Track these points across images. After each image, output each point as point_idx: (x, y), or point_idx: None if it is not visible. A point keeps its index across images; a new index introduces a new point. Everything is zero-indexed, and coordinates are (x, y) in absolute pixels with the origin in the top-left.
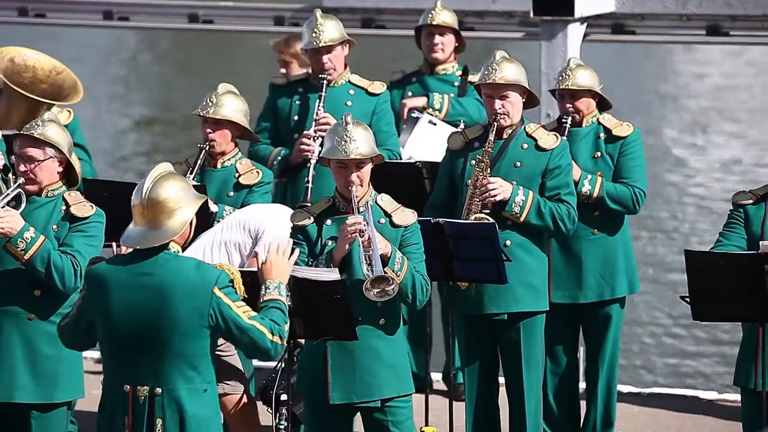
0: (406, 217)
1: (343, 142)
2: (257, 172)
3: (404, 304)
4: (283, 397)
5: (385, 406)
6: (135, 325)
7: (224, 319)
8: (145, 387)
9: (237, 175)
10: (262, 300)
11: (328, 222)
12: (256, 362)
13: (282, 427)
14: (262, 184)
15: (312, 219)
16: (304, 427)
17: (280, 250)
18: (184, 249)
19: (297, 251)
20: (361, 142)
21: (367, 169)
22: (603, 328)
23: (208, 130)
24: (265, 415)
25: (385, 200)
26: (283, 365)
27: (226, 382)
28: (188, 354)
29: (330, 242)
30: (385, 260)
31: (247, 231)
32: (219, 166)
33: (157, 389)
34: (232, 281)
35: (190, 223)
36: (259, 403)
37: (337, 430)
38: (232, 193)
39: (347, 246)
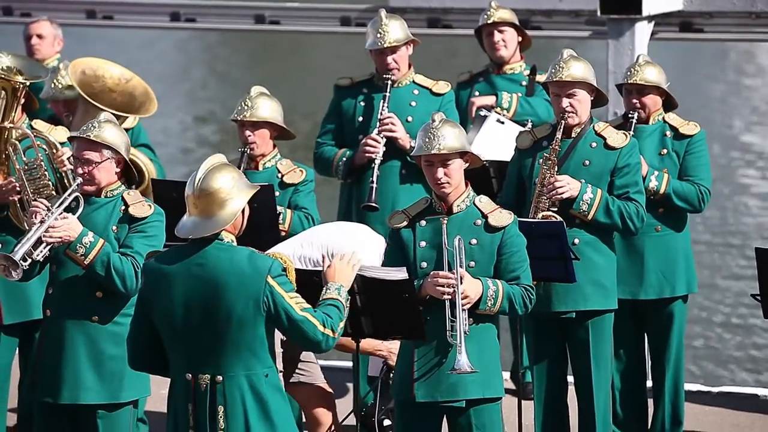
0: (502, 218)
1: (427, 139)
2: (301, 171)
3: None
4: (386, 422)
5: (472, 408)
6: (192, 315)
7: (276, 308)
8: (206, 375)
9: (280, 175)
10: (321, 298)
11: (423, 223)
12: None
13: None
14: (307, 182)
15: (407, 221)
16: (395, 425)
17: (345, 259)
18: (237, 238)
19: (361, 262)
20: (447, 139)
21: (456, 166)
22: (667, 326)
23: (248, 133)
24: None
25: (484, 201)
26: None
27: (300, 370)
28: (246, 341)
29: (423, 243)
30: (476, 303)
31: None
32: (260, 168)
33: (218, 377)
34: (285, 270)
35: (243, 213)
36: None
37: (425, 429)
38: (278, 193)
39: (434, 294)
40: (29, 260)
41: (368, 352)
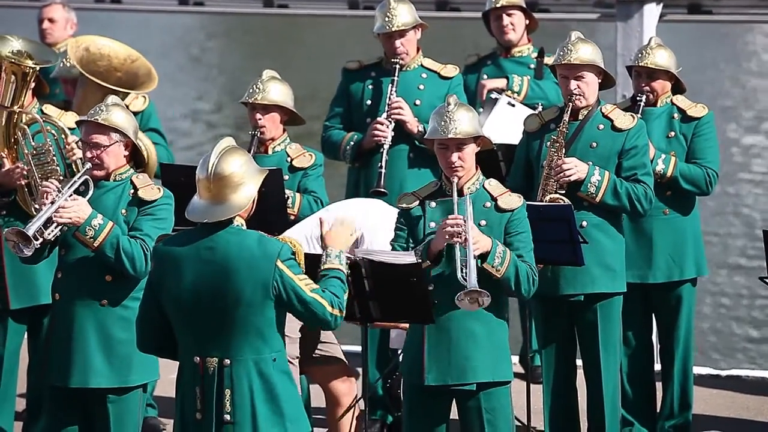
0: (512, 201)
1: (442, 122)
2: (310, 155)
3: (508, 295)
4: None
5: (481, 392)
6: (201, 299)
7: (286, 291)
8: (214, 358)
9: (289, 159)
10: (322, 267)
11: (432, 204)
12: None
13: None
14: (316, 166)
15: (417, 202)
16: (404, 408)
17: (346, 224)
18: (248, 223)
19: (359, 233)
20: (462, 123)
21: (470, 150)
22: (675, 309)
23: (258, 116)
24: None
25: (493, 184)
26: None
27: (321, 345)
28: (254, 325)
29: (433, 224)
30: (484, 256)
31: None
32: (270, 152)
33: (226, 360)
34: (294, 254)
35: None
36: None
37: (434, 412)
38: (287, 177)
39: (444, 242)
40: (41, 239)
41: (391, 325)
